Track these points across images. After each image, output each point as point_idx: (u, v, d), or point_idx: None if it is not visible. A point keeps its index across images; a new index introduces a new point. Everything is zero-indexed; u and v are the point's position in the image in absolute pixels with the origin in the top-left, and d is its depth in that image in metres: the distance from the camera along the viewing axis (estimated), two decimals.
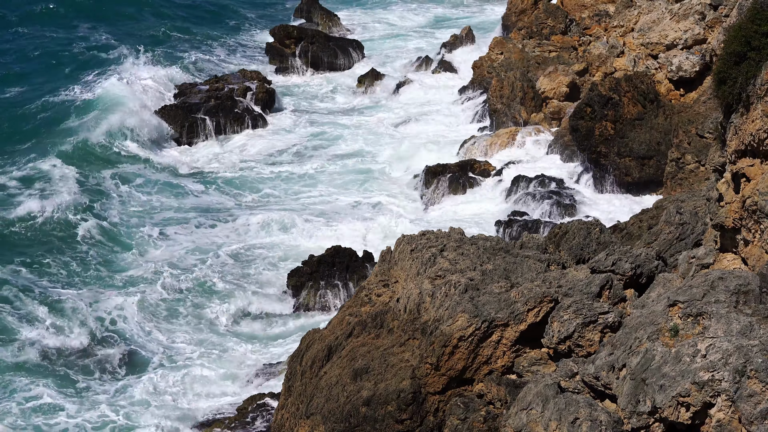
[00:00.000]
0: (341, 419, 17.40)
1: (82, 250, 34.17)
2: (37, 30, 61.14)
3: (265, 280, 32.80)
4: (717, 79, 16.02)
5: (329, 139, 46.63)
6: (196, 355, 28.08)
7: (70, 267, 32.88)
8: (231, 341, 29.06)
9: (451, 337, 16.66)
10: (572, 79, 42.64)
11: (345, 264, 31.82)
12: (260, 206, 38.99)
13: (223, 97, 48.61)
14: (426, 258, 19.22)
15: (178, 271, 32.93)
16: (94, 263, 33.31)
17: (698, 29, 40.14)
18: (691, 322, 13.25)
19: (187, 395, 26.03)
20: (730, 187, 15.91)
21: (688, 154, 33.96)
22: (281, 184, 41.55)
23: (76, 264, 33.17)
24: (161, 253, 34.38)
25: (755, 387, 12.11)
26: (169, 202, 38.93)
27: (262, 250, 34.86)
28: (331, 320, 20.70)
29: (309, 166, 43.33)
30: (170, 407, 25.43)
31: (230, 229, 36.56)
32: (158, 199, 39.26)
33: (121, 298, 30.72)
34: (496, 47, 48.77)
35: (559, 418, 13.62)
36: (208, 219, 37.45)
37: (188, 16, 67.86)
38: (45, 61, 55.25)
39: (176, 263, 33.54)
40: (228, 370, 27.35)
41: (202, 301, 31.40)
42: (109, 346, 28.41)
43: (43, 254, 33.46)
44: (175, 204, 38.91)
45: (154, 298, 31.20)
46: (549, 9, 49.97)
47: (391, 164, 42.99)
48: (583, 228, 20.46)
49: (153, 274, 32.65)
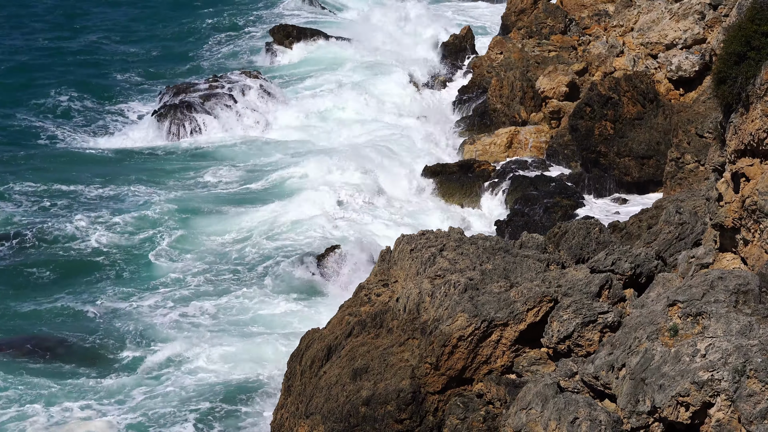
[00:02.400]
0: (341, 419, 17.40)
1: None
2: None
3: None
4: (717, 78, 16.03)
5: (329, 139, 46.58)
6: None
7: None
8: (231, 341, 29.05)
9: (451, 337, 16.66)
10: (572, 78, 42.63)
11: None
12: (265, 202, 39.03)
13: (222, 96, 48.60)
14: (425, 258, 19.21)
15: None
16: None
17: (698, 29, 40.15)
18: (691, 322, 13.25)
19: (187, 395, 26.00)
20: (729, 186, 15.91)
21: (687, 153, 33.96)
22: (281, 184, 41.51)
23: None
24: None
25: (755, 387, 12.11)
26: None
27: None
28: (330, 320, 20.69)
29: (309, 167, 43.28)
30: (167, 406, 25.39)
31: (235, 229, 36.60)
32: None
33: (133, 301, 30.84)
34: (495, 47, 48.76)
35: (558, 417, 13.62)
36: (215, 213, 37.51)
37: (188, 16, 67.88)
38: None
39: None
40: (228, 370, 27.30)
41: (199, 298, 31.39)
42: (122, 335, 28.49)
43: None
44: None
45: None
46: (548, 9, 49.94)
47: (391, 163, 42.95)
48: (582, 228, 20.46)
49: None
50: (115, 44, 60.35)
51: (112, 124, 47.68)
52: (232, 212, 37.19)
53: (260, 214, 36.83)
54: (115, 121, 48.09)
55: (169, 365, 26.96)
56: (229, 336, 28.57)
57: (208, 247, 34.36)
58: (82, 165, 42.85)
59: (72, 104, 50.03)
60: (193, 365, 26.84)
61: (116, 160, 43.86)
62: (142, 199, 38.25)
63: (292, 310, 30.00)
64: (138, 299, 30.81)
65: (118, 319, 29.50)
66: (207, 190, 39.90)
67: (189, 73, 55.45)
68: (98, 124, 47.70)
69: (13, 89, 52.45)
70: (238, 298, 30.73)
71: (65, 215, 36.43)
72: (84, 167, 42.66)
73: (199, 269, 32.71)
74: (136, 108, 49.86)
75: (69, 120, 48.39)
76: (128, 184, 40.20)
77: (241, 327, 29.16)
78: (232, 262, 33.24)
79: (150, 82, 54.03)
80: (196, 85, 50.29)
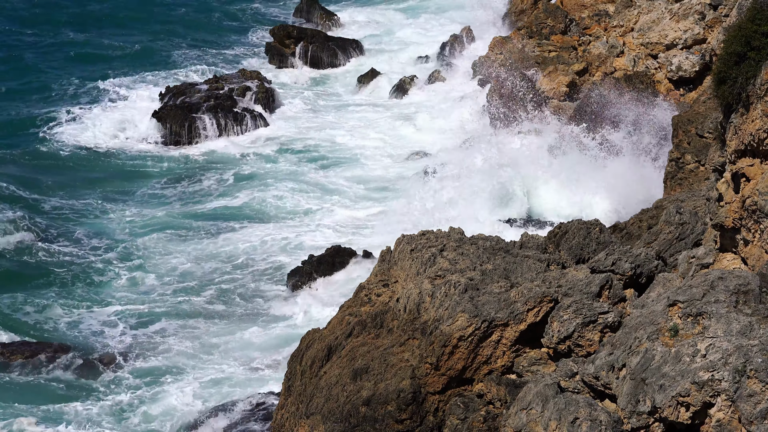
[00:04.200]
0: (341, 419, 17.40)
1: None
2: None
3: (265, 280, 32.75)
4: (717, 78, 16.02)
5: (329, 139, 46.58)
6: (195, 355, 28.00)
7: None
8: (232, 340, 29.01)
9: (451, 337, 16.66)
10: (572, 78, 42.64)
11: (345, 263, 31.84)
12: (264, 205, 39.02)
13: (222, 97, 48.58)
14: (426, 258, 19.21)
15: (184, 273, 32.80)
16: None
17: (698, 29, 40.16)
18: (691, 322, 13.26)
19: (186, 396, 25.99)
20: (729, 186, 15.90)
21: (687, 153, 33.93)
22: (281, 183, 41.50)
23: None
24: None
25: (755, 387, 12.12)
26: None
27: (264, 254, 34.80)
28: (330, 320, 20.69)
29: (309, 166, 43.30)
30: (170, 408, 25.39)
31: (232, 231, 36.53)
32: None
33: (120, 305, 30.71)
34: (495, 47, 48.76)
35: (558, 417, 13.62)
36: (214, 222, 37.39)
37: (188, 16, 67.83)
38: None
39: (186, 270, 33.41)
40: (228, 369, 27.29)
41: (201, 301, 31.34)
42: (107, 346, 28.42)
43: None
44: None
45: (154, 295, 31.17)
46: (549, 9, 49.92)
47: (393, 162, 42.98)
48: (582, 228, 20.46)
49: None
50: (113, 43, 60.25)
51: (112, 125, 47.59)
52: (221, 227, 36.91)
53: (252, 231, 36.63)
54: (115, 121, 48.04)
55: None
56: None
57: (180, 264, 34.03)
58: (76, 165, 43.01)
59: (70, 104, 50.02)
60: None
61: (113, 162, 43.89)
62: (115, 209, 38.32)
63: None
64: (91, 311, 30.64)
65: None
66: (197, 199, 39.74)
67: (189, 74, 55.38)
68: (97, 124, 47.60)
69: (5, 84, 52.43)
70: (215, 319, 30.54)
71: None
72: (82, 166, 42.86)
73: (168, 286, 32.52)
74: (135, 108, 49.81)
75: (66, 116, 48.29)
76: (117, 187, 40.39)
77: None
78: (211, 281, 32.86)
79: (150, 82, 53.99)
80: (196, 85, 50.29)
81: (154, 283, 32.38)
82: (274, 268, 33.51)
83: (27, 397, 26.11)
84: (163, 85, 51.72)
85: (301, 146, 45.65)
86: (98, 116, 48.31)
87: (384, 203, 38.53)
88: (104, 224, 36.83)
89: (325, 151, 44.92)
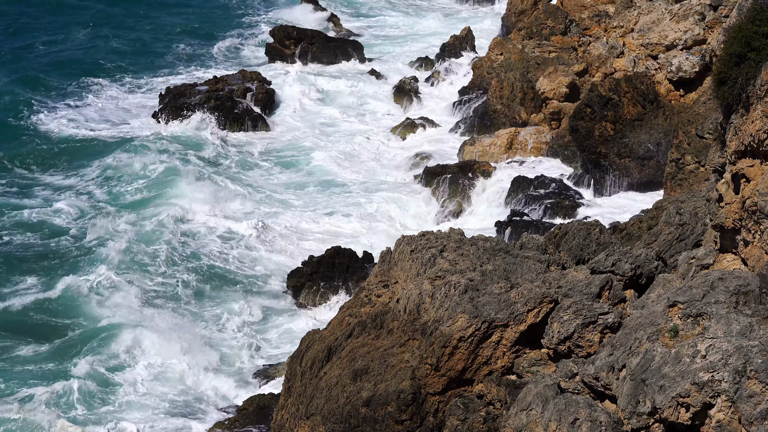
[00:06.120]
0: (341, 420, 17.40)
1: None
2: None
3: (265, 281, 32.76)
4: (717, 79, 16.01)
5: (329, 139, 46.60)
6: (195, 355, 27.97)
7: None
8: (231, 341, 29.00)
9: (451, 338, 16.66)
10: (572, 79, 42.64)
11: (345, 264, 31.83)
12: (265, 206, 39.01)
13: (222, 98, 48.56)
14: (426, 259, 19.21)
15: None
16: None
17: (698, 30, 40.16)
18: (691, 323, 13.25)
19: (188, 395, 25.99)
20: (729, 187, 15.90)
21: (687, 154, 33.96)
22: (281, 182, 41.50)
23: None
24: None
25: (755, 387, 12.11)
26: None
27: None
28: (330, 321, 20.69)
29: (309, 166, 43.31)
30: (168, 407, 25.37)
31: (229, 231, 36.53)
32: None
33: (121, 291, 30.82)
34: (495, 48, 48.78)
35: (559, 418, 13.61)
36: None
37: (188, 16, 67.87)
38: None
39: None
40: (228, 371, 27.29)
41: (201, 301, 31.35)
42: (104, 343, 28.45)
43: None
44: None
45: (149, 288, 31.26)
46: (549, 9, 49.94)
47: (391, 164, 42.98)
48: (582, 229, 20.46)
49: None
50: (112, 43, 60.27)
51: (110, 125, 47.62)
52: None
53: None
54: (114, 121, 48.07)
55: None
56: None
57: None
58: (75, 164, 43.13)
59: (71, 103, 50.03)
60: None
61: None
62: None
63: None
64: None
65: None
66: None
67: (189, 74, 55.39)
68: (95, 124, 47.64)
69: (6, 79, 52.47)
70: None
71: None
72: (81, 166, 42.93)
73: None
74: (134, 109, 49.84)
75: (67, 115, 48.33)
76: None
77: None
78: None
79: (149, 82, 54.01)
80: (196, 86, 50.27)
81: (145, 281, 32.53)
82: (274, 269, 33.52)
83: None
84: (163, 85, 51.73)
85: (299, 147, 45.66)
86: (98, 116, 48.30)
87: (384, 204, 38.52)
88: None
89: (324, 150, 44.92)
